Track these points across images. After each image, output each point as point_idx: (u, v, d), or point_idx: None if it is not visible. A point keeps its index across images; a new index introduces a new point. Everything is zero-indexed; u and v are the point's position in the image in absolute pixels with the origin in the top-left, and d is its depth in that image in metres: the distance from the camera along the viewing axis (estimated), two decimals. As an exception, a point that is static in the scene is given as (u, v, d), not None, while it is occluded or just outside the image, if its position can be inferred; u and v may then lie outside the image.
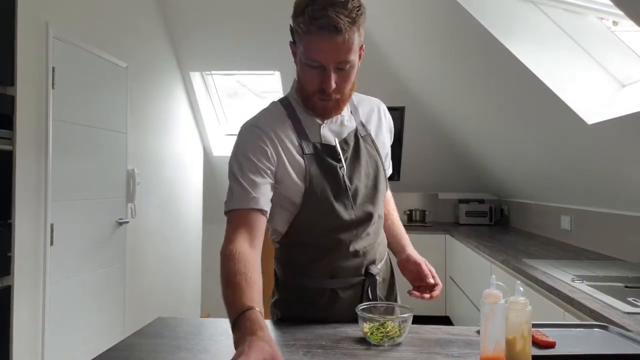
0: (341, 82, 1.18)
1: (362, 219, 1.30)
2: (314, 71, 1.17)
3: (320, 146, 1.26)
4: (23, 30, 2.44)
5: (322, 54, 1.13)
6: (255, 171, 1.20)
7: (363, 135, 1.33)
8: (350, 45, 1.13)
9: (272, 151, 1.23)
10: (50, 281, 2.62)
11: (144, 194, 3.71)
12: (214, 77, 4.95)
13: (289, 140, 1.25)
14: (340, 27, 1.09)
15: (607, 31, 2.44)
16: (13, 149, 2.38)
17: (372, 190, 1.32)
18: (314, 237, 1.28)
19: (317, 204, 1.24)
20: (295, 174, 1.24)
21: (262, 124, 1.26)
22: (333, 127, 1.29)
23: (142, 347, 1.13)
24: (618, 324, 1.35)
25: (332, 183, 1.26)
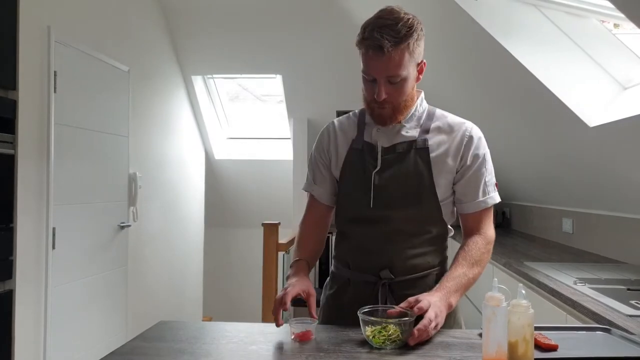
0: (393, 92, 1.32)
1: (379, 219, 1.36)
2: (369, 83, 1.33)
3: (367, 145, 1.41)
4: (25, 34, 2.44)
5: (372, 69, 1.30)
6: (317, 165, 1.50)
7: (419, 147, 1.37)
8: (398, 62, 1.27)
9: (327, 145, 1.48)
10: (51, 285, 2.62)
11: (145, 198, 3.71)
12: (215, 80, 4.96)
13: (348, 135, 1.46)
14: (383, 47, 1.24)
15: (609, 34, 2.44)
16: (15, 153, 2.39)
17: (403, 198, 1.35)
18: (342, 225, 1.47)
19: (344, 192, 1.45)
20: (337, 163, 1.46)
21: (334, 122, 1.52)
22: (388, 132, 1.40)
23: (144, 350, 1.13)
24: (620, 326, 1.34)
25: (361, 178, 1.39)
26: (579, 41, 2.45)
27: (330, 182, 1.49)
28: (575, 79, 2.44)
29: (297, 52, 4.31)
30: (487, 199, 1.40)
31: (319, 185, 1.50)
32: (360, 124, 1.46)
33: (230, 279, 5.40)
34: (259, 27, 4.20)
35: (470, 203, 1.39)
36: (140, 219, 3.61)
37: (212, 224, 5.27)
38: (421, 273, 1.38)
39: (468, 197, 1.39)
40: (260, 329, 1.29)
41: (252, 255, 4.94)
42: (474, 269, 1.33)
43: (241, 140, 5.30)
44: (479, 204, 1.39)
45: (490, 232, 1.42)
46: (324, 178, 1.49)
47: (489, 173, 1.43)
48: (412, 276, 1.37)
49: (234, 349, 1.14)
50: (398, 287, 1.36)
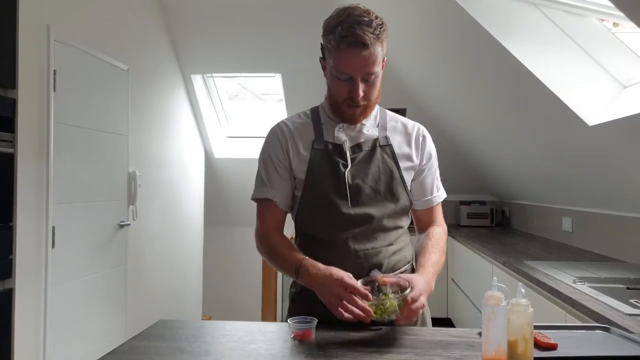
0: (368, 90, 1.32)
1: (360, 218, 1.34)
2: (343, 83, 1.32)
3: (331, 145, 1.38)
4: (24, 33, 2.44)
5: (351, 67, 1.28)
6: (274, 167, 1.40)
7: (383, 145, 1.40)
8: (375, 59, 1.27)
9: (285, 146, 1.40)
10: (51, 284, 2.62)
11: (145, 197, 3.71)
12: (215, 79, 4.96)
13: (305, 136, 1.40)
14: (367, 42, 1.24)
15: (608, 33, 2.44)
16: (14, 152, 2.39)
17: (378, 194, 1.36)
18: (316, 231, 1.39)
19: (315, 195, 1.36)
20: (300, 164, 1.38)
21: (284, 122, 1.46)
22: (350, 131, 1.40)
23: (143, 349, 1.13)
24: (620, 325, 1.35)
25: (332, 178, 1.35)
26: (578, 40, 2.45)
27: (289, 186, 1.40)
28: (575, 78, 2.44)
29: (296, 51, 4.31)
30: (440, 194, 1.50)
31: (275, 189, 1.39)
32: (316, 125, 1.42)
33: (229, 278, 5.40)
34: (258, 26, 4.19)
35: (426, 199, 1.47)
36: (140, 218, 3.61)
37: (211, 223, 5.27)
38: (403, 268, 1.41)
39: (423, 195, 1.47)
40: (260, 328, 1.29)
41: (251, 254, 4.90)
42: (442, 257, 1.40)
43: (241, 139, 5.30)
44: (432, 200, 1.48)
45: (444, 224, 1.52)
46: (282, 181, 1.40)
47: (437, 171, 1.51)
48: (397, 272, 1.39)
49: (233, 348, 1.14)
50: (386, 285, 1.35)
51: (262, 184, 1.41)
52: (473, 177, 4.76)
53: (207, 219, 5.17)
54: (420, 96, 4.32)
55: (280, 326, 1.32)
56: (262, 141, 1.47)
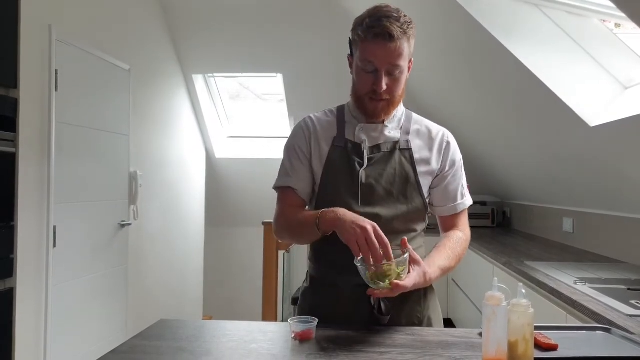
0: (392, 85, 1.32)
1: (368, 216, 1.30)
2: (367, 75, 1.32)
3: (351, 144, 1.39)
4: (26, 33, 2.44)
5: (377, 58, 1.28)
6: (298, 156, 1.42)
7: (402, 148, 1.40)
8: (401, 52, 1.28)
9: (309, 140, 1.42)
10: (52, 283, 2.63)
11: (146, 196, 3.71)
12: (216, 79, 4.96)
13: (328, 132, 1.42)
14: (393, 34, 1.25)
15: (610, 33, 2.43)
16: (16, 152, 2.39)
17: (391, 196, 1.36)
18: None
19: (328, 191, 1.38)
20: (319, 160, 1.40)
21: (311, 117, 1.47)
22: (371, 132, 1.40)
23: (144, 349, 1.13)
24: (621, 326, 1.34)
25: (347, 176, 1.36)
26: (580, 41, 2.45)
27: (309, 178, 1.42)
28: (576, 78, 2.44)
29: (297, 50, 4.31)
30: (465, 202, 1.49)
31: (297, 178, 1.41)
32: (340, 123, 1.43)
33: (230, 278, 5.40)
34: (259, 26, 4.19)
35: (449, 206, 1.46)
36: (141, 218, 3.62)
37: (212, 223, 5.27)
38: None
39: (448, 201, 1.46)
40: (261, 328, 1.30)
41: (252, 254, 4.93)
42: (454, 262, 1.40)
43: (242, 139, 5.30)
44: (457, 206, 1.47)
45: (468, 231, 1.51)
46: (304, 172, 1.42)
47: (464, 177, 1.51)
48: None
49: (234, 348, 1.14)
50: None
51: (285, 173, 1.44)
52: (474, 178, 4.74)
53: (208, 219, 5.17)
54: (421, 96, 4.32)
55: (281, 326, 1.32)
56: (263, 141, 1.48)
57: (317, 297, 1.40)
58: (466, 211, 1.51)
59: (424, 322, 1.40)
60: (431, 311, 1.43)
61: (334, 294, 1.36)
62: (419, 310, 1.40)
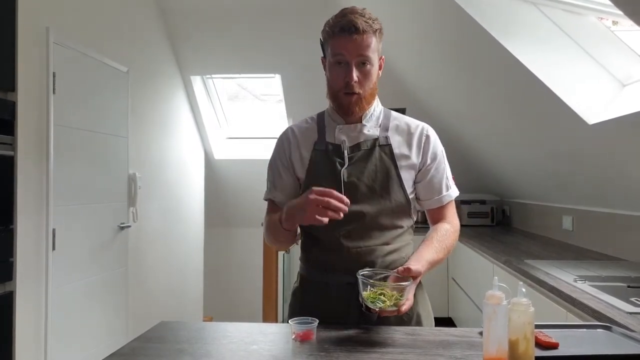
0: (362, 78, 1.37)
1: (354, 216, 1.34)
2: (339, 69, 1.37)
3: (331, 145, 1.43)
4: (24, 35, 2.44)
5: (345, 49, 1.34)
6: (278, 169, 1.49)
7: (382, 144, 1.42)
8: (369, 44, 1.34)
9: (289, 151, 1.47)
10: (52, 286, 2.62)
11: (145, 198, 3.71)
12: (214, 80, 4.96)
13: (308, 139, 1.47)
14: (358, 26, 1.31)
15: (607, 31, 2.44)
16: (14, 155, 2.39)
17: (374, 192, 1.38)
18: (314, 229, 1.40)
19: None
20: (302, 166, 1.45)
21: (291, 127, 1.53)
22: (350, 132, 1.44)
23: (145, 351, 1.13)
24: (621, 324, 1.35)
25: (330, 177, 1.39)
26: (578, 39, 2.45)
27: (291, 187, 1.47)
28: (574, 76, 2.44)
29: (295, 51, 4.31)
30: (451, 193, 1.50)
31: (279, 191, 1.48)
32: (320, 127, 1.48)
33: (230, 279, 5.40)
34: (257, 27, 4.19)
35: (434, 199, 1.47)
36: (140, 220, 3.61)
37: (212, 224, 5.27)
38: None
39: (433, 194, 1.47)
40: (261, 329, 1.30)
41: (252, 255, 4.94)
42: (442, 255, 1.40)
43: (241, 140, 5.30)
44: (443, 198, 1.48)
45: (457, 222, 1.51)
46: (285, 183, 1.48)
47: (448, 169, 1.51)
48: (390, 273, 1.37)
49: (234, 349, 1.14)
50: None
51: (269, 187, 1.52)
52: (473, 176, 4.76)
53: (207, 220, 5.17)
54: (420, 96, 4.32)
55: (281, 327, 1.32)
56: (262, 142, 1.51)
57: (308, 296, 1.43)
58: (453, 202, 1.52)
59: (413, 318, 1.41)
60: (420, 307, 1.44)
61: (323, 292, 1.39)
62: None
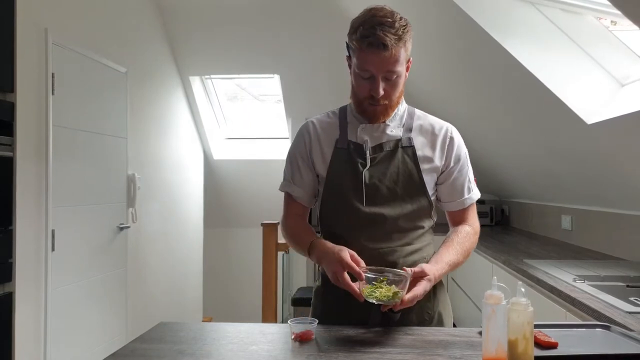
0: (389, 89, 1.34)
1: (375, 218, 1.36)
2: (365, 81, 1.34)
3: (353, 145, 1.41)
4: (22, 36, 2.44)
5: (372, 65, 1.30)
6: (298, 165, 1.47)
7: (405, 145, 1.41)
8: (397, 59, 1.30)
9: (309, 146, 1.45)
10: (51, 287, 2.62)
11: (144, 199, 3.71)
12: (213, 81, 4.96)
13: (330, 135, 1.44)
14: (387, 44, 1.26)
15: (606, 31, 2.44)
16: (13, 155, 2.39)
17: (395, 195, 1.38)
18: (335, 227, 1.42)
19: (333, 193, 1.41)
20: (323, 162, 1.43)
21: (312, 121, 1.50)
22: (373, 131, 1.42)
23: (144, 352, 1.13)
24: (620, 323, 1.35)
25: (351, 177, 1.38)
26: (576, 38, 2.45)
27: (310, 183, 1.47)
28: (573, 76, 2.44)
29: (294, 51, 4.31)
30: (472, 196, 1.49)
31: (298, 185, 1.48)
32: (342, 123, 1.45)
33: (230, 279, 5.40)
34: (256, 27, 4.19)
35: (457, 202, 1.47)
36: (140, 220, 3.61)
37: (211, 224, 5.27)
38: None
39: (455, 196, 1.47)
40: (261, 329, 1.30)
41: (251, 255, 4.93)
42: (463, 259, 1.42)
43: (240, 140, 5.30)
44: (465, 201, 1.48)
45: (477, 225, 1.51)
46: (303, 179, 1.47)
47: (470, 171, 1.51)
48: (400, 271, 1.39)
49: (234, 350, 1.14)
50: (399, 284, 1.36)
51: (286, 179, 1.50)
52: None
53: (206, 221, 5.16)
54: (418, 95, 4.32)
55: (280, 327, 1.32)
56: (261, 142, 1.50)
57: (330, 296, 1.41)
58: (474, 205, 1.51)
59: (435, 318, 1.41)
60: (441, 307, 1.44)
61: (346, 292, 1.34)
62: (429, 307, 1.41)
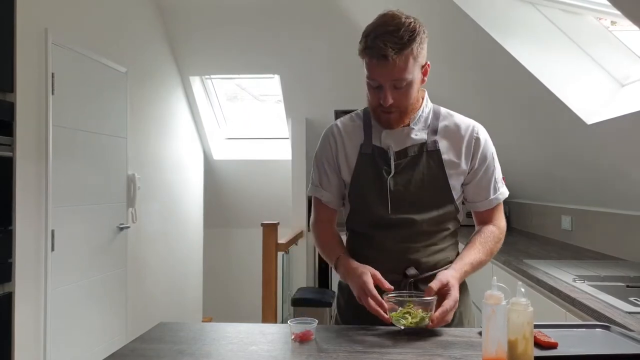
0: (399, 97, 1.32)
1: (402, 222, 1.36)
2: (375, 89, 1.34)
3: (377, 150, 1.40)
4: (22, 36, 2.44)
5: (378, 75, 1.30)
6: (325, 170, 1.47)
7: (430, 150, 1.39)
8: (403, 67, 1.28)
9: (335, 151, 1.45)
10: (51, 287, 2.62)
11: (144, 199, 3.71)
12: (213, 81, 4.96)
13: (354, 139, 1.44)
14: (387, 55, 1.24)
15: (605, 31, 2.44)
16: (13, 155, 2.39)
17: (421, 202, 1.37)
18: (360, 229, 1.44)
19: (358, 199, 1.42)
20: (347, 168, 1.43)
21: (337, 124, 1.50)
22: (396, 135, 1.40)
23: (144, 352, 1.13)
24: (620, 323, 1.35)
25: (376, 184, 1.38)
26: (576, 39, 2.45)
27: (337, 187, 1.47)
28: (572, 76, 2.44)
29: (294, 51, 4.31)
30: (499, 195, 1.47)
31: (326, 189, 1.48)
32: (367, 127, 1.44)
33: (230, 279, 5.40)
34: (256, 27, 4.19)
35: (483, 202, 1.46)
36: (139, 220, 3.61)
37: (211, 224, 5.27)
38: (443, 268, 1.40)
39: (481, 196, 1.46)
40: (261, 330, 1.30)
41: (251, 255, 4.94)
42: (486, 258, 1.42)
43: (239, 140, 5.30)
44: (491, 201, 1.46)
45: (503, 224, 1.49)
46: (331, 183, 1.47)
47: (497, 170, 1.49)
48: (435, 272, 1.37)
49: (234, 350, 1.14)
50: (423, 283, 1.36)
51: (314, 183, 1.51)
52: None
53: (206, 221, 5.16)
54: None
55: (280, 327, 1.32)
56: (261, 142, 1.49)
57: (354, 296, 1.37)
58: (501, 204, 1.50)
59: (456, 316, 1.39)
60: (463, 306, 1.44)
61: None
62: None
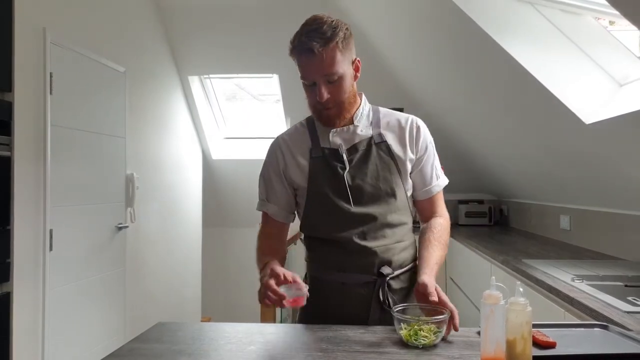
0: (334, 91, 1.35)
1: (365, 217, 1.38)
2: (310, 88, 1.37)
3: (328, 150, 1.43)
4: (20, 36, 2.44)
5: (309, 72, 1.34)
6: (272, 183, 1.49)
7: (377, 142, 1.43)
8: (331, 61, 1.31)
9: (283, 162, 1.47)
10: (49, 287, 2.62)
11: (143, 199, 3.70)
12: (212, 80, 4.96)
13: (303, 146, 1.46)
14: (313, 49, 1.29)
15: (604, 31, 2.44)
16: (11, 155, 2.38)
17: (379, 191, 1.40)
18: (323, 233, 1.43)
19: (318, 199, 1.41)
20: (301, 174, 1.44)
21: (282, 137, 1.52)
22: (344, 134, 1.44)
23: (142, 352, 1.13)
24: (618, 323, 1.35)
25: (333, 182, 1.40)
26: (575, 39, 2.46)
27: (285, 199, 1.49)
28: (571, 76, 2.45)
29: (293, 51, 4.31)
30: (440, 182, 1.51)
31: (272, 203, 1.51)
32: (312, 133, 1.47)
33: (228, 279, 5.40)
34: (255, 27, 4.19)
35: (426, 189, 1.49)
36: (138, 220, 3.61)
37: (210, 224, 5.27)
38: (410, 265, 1.45)
39: (424, 184, 1.49)
40: (259, 330, 1.30)
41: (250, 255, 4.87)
42: (444, 251, 1.44)
43: (238, 140, 5.30)
44: (433, 189, 1.49)
45: (447, 214, 1.53)
46: (277, 196, 1.50)
47: (436, 158, 1.52)
48: (405, 269, 1.43)
49: (233, 350, 1.14)
50: (395, 282, 1.39)
51: (261, 198, 1.55)
52: (471, 176, 4.76)
53: (205, 220, 5.16)
54: (417, 95, 4.32)
55: (279, 327, 1.33)
56: (260, 142, 1.50)
57: (323, 297, 1.39)
58: (442, 193, 1.53)
59: None
60: None
61: (340, 293, 1.38)
62: None
